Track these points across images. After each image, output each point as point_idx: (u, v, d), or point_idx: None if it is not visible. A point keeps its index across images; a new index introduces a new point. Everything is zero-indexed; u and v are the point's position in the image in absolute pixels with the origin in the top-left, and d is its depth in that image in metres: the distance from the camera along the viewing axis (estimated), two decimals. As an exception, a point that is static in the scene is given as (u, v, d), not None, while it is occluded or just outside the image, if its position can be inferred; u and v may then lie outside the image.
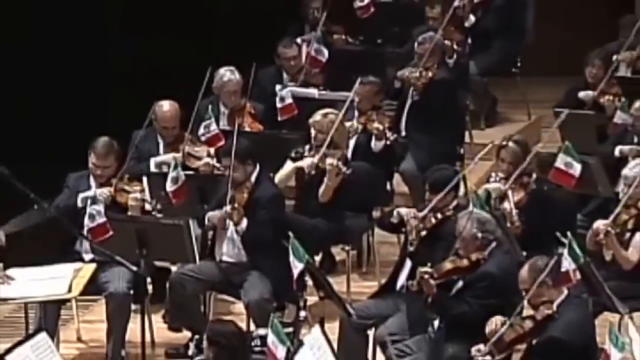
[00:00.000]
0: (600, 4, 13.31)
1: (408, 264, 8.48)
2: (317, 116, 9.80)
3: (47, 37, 11.66)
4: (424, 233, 8.46)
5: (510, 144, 9.26)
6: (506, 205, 8.96)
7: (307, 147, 9.80)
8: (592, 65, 10.91)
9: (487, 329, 7.57)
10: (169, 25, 12.16)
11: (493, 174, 9.36)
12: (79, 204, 8.92)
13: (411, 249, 8.44)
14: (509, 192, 8.98)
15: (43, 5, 11.75)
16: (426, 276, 7.91)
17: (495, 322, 7.59)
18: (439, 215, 8.50)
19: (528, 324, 7.45)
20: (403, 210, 8.63)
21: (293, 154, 9.85)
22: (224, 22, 12.36)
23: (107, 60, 11.88)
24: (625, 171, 8.88)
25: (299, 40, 11.52)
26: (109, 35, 11.98)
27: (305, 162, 9.64)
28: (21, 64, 11.55)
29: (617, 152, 9.81)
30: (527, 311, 7.58)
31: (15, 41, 11.57)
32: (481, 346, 7.42)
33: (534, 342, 7.48)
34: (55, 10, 11.73)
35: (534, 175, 9.12)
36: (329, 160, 9.53)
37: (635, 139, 9.85)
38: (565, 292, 7.59)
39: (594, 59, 10.93)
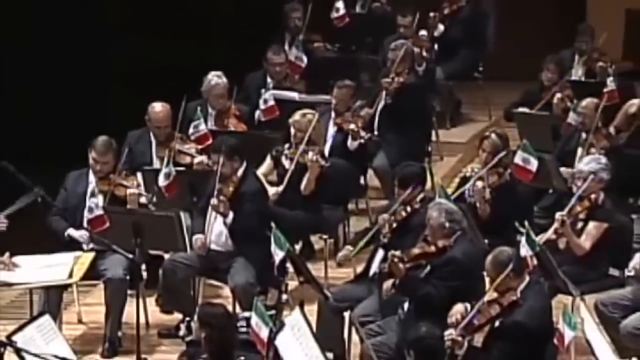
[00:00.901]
0: (554, 15, 13.37)
1: (380, 253, 8.51)
2: (297, 116, 9.82)
3: (47, 38, 11.51)
4: (395, 225, 8.49)
5: (493, 135, 9.33)
6: (479, 183, 9.01)
7: (286, 145, 9.82)
8: (547, 69, 10.96)
9: (449, 320, 7.59)
10: (168, 26, 12.09)
11: (469, 168, 9.40)
12: (66, 237, 8.92)
13: (384, 240, 8.46)
14: (484, 175, 9.05)
15: (43, 6, 11.57)
16: (396, 260, 7.94)
17: (456, 315, 7.61)
18: (408, 209, 8.53)
19: (495, 308, 7.47)
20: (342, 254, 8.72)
21: (274, 152, 9.87)
22: (214, 30, 12.34)
23: (107, 61, 11.77)
24: (580, 166, 8.91)
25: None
26: (109, 36, 11.86)
27: (271, 192, 9.62)
28: (21, 64, 11.40)
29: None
30: (491, 293, 7.59)
31: (16, 41, 11.41)
32: (452, 330, 7.43)
33: (496, 324, 7.50)
34: (55, 11, 11.56)
35: (509, 170, 9.17)
36: (309, 156, 9.55)
37: (584, 136, 9.87)
38: (527, 278, 7.62)
39: (549, 63, 10.98)
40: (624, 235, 8.81)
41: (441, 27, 12.07)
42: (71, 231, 8.92)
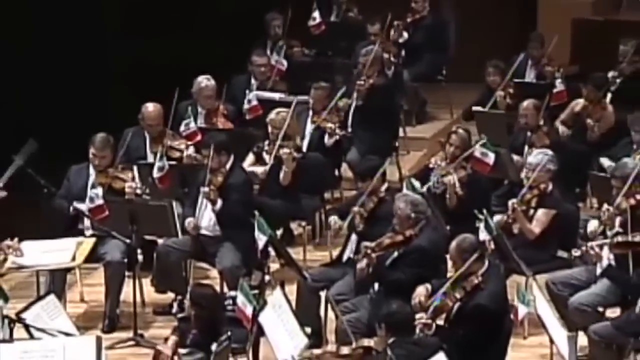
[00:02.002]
0: (509, 23, 13.42)
1: (353, 240, 8.52)
2: (272, 115, 9.83)
3: (47, 39, 11.31)
4: (365, 215, 8.50)
5: (460, 130, 9.36)
6: (450, 178, 9.02)
7: (266, 142, 9.82)
8: (488, 75, 11.01)
9: (413, 302, 7.59)
10: (164, 30, 11.99)
11: (433, 160, 9.42)
12: (71, 211, 8.91)
13: (359, 229, 8.47)
14: (452, 170, 9.07)
15: (43, 7, 11.36)
16: (369, 251, 7.95)
17: (419, 297, 7.62)
18: (375, 199, 8.54)
19: (460, 292, 7.46)
20: (332, 219, 8.68)
21: (255, 148, 9.87)
22: (205, 34, 12.29)
23: (106, 61, 11.63)
24: (530, 159, 8.96)
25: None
26: (108, 36, 11.72)
27: (259, 170, 9.63)
28: (21, 65, 11.21)
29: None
30: (454, 278, 7.57)
31: (16, 42, 11.20)
32: (423, 314, 7.44)
33: (456, 306, 7.50)
34: (55, 12, 11.36)
35: (470, 164, 9.20)
36: (283, 150, 9.57)
37: (529, 134, 9.90)
38: (487, 263, 7.63)
39: (488, 68, 11.03)
40: (571, 221, 8.86)
41: (405, 34, 12.12)
42: (76, 204, 8.87)
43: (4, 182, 8.48)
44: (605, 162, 9.63)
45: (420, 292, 7.65)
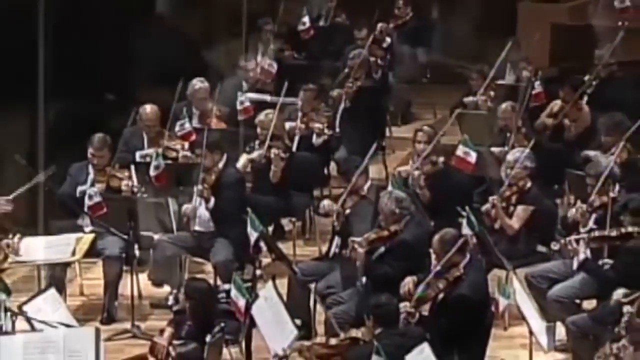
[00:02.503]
0: (490, 28, 13.46)
1: (337, 237, 8.55)
2: (260, 116, 9.86)
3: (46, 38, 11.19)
4: (348, 211, 8.52)
5: (425, 127, 9.45)
6: (416, 172, 9.07)
7: (257, 142, 9.84)
8: (470, 78, 11.05)
9: (402, 290, 7.63)
10: (161, 35, 11.95)
11: (411, 162, 9.47)
12: (77, 194, 8.92)
13: (336, 225, 8.49)
14: (419, 165, 9.12)
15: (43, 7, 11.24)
16: (356, 246, 7.97)
17: (408, 285, 7.65)
18: (355, 198, 8.56)
19: (442, 282, 7.49)
20: (326, 202, 8.68)
21: (247, 149, 9.89)
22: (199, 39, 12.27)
23: (103, 61, 11.56)
24: (508, 157, 8.99)
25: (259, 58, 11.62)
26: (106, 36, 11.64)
27: (256, 154, 9.67)
28: (22, 64, 11.11)
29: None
30: (437, 270, 7.60)
31: (17, 42, 11.10)
32: (407, 303, 7.46)
33: (442, 295, 7.54)
34: (53, 11, 11.25)
35: (442, 159, 9.22)
36: (271, 150, 9.59)
37: (508, 135, 9.95)
38: (468, 255, 7.66)
39: (471, 73, 11.08)
40: (549, 217, 8.90)
41: (388, 39, 12.16)
42: (81, 187, 8.88)
43: (14, 196, 8.47)
44: (591, 152, 9.69)
45: (409, 280, 7.68)
